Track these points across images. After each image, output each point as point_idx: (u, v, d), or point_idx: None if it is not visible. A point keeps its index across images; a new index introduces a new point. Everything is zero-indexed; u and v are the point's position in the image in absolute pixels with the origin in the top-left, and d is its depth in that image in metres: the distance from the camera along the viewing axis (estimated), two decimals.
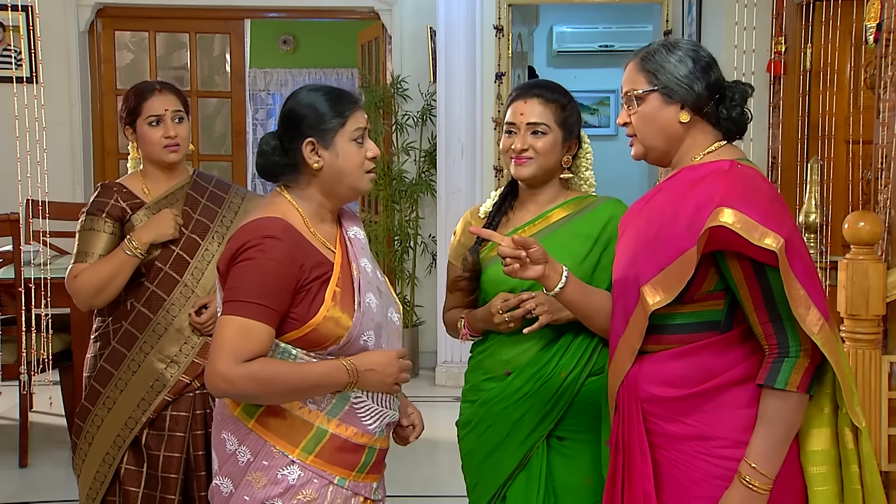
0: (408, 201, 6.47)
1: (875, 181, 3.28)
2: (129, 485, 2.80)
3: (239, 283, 1.95)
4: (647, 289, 1.90)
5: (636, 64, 2.01)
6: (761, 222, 1.78)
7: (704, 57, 1.98)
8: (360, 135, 2.09)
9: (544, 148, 2.41)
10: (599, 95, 9.01)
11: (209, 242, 2.87)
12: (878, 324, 2.92)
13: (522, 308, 2.34)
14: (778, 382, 1.82)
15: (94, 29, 6.59)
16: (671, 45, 2.00)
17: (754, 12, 4.32)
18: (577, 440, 2.41)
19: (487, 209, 2.55)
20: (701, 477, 1.89)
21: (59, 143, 6.02)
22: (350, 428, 2.05)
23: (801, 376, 1.83)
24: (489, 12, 5.93)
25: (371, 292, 2.10)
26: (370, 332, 2.06)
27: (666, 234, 1.91)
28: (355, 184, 2.10)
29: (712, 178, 1.90)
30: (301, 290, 1.99)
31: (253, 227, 2.01)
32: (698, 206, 1.86)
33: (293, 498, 2.00)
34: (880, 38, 3.25)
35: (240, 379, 1.91)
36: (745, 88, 1.99)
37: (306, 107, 2.08)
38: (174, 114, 2.83)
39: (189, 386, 2.81)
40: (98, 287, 2.77)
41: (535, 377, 2.40)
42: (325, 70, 9.80)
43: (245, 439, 2.03)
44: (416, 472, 2.66)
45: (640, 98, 2.00)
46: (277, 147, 2.10)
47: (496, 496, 2.45)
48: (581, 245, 2.41)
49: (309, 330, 1.99)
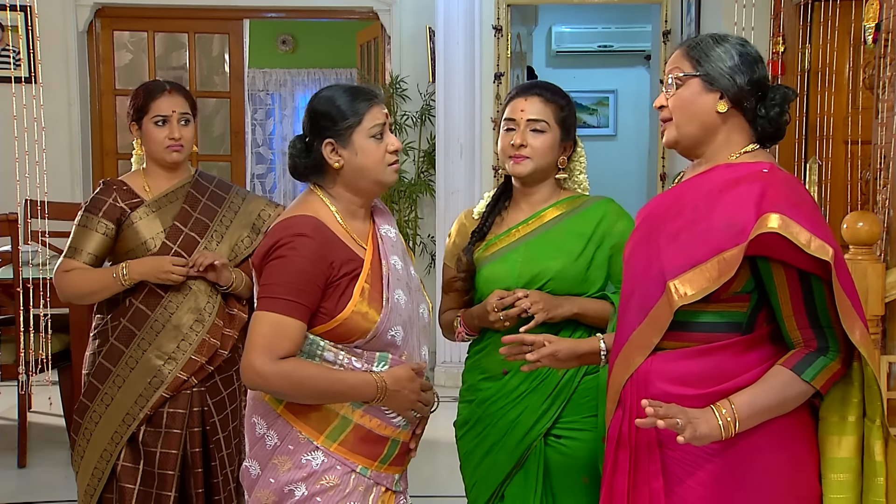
0: (407, 201, 6.47)
1: (874, 181, 3.28)
2: (125, 481, 2.81)
3: (272, 279, 2.03)
4: (675, 283, 1.86)
5: (683, 50, 1.99)
6: (811, 230, 1.77)
7: (751, 53, 1.96)
8: (379, 130, 2.15)
9: (542, 146, 2.41)
10: (598, 96, 9.00)
11: (207, 241, 2.88)
12: (876, 324, 2.92)
13: (517, 307, 2.34)
14: (805, 374, 1.82)
15: (93, 29, 6.58)
16: (720, 36, 1.98)
17: (753, 12, 4.31)
18: (574, 438, 2.41)
19: (481, 210, 2.56)
20: (709, 479, 1.87)
21: (57, 144, 6.01)
22: (374, 419, 2.11)
23: (829, 378, 1.83)
24: (488, 12, 5.92)
25: (400, 289, 2.15)
26: (398, 328, 2.12)
27: (699, 231, 1.87)
28: (378, 178, 2.17)
29: (753, 179, 1.87)
30: (331, 286, 2.06)
31: (285, 226, 2.09)
32: (739, 206, 1.83)
33: (316, 483, 2.07)
34: (879, 38, 3.25)
35: (274, 376, 2.00)
36: (788, 92, 1.96)
37: (323, 107, 2.14)
38: (181, 115, 2.86)
39: (186, 383, 2.82)
40: (80, 294, 2.87)
41: (531, 376, 2.41)
42: (324, 70, 9.79)
43: (273, 424, 2.10)
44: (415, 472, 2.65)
45: (681, 81, 1.96)
46: (303, 149, 2.17)
47: (494, 495, 2.46)
48: (575, 243, 2.42)
49: (337, 324, 2.06)
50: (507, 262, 2.45)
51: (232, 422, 2.94)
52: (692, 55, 1.96)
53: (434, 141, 6.27)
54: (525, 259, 2.44)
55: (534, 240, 2.46)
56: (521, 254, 2.45)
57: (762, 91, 1.95)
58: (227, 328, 2.88)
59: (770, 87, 1.96)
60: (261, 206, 3.02)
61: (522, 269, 2.43)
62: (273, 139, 10.06)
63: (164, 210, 2.88)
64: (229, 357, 2.89)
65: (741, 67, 1.93)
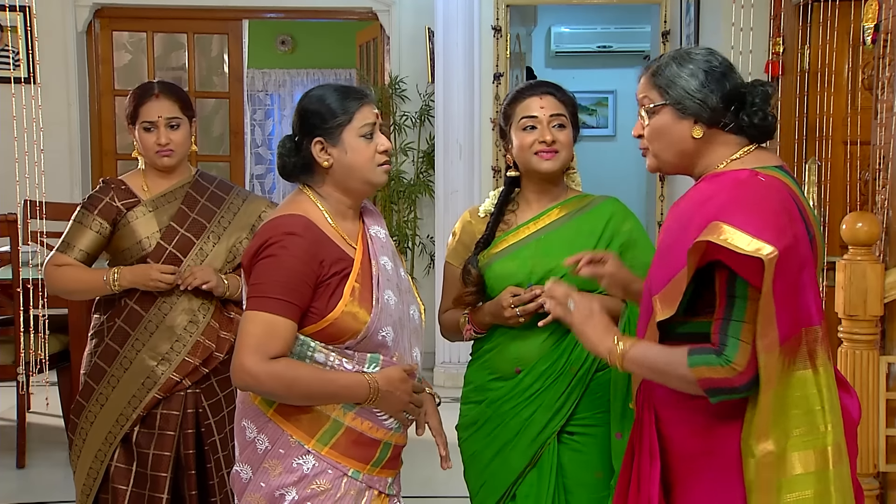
0: (406, 202, 6.46)
1: (873, 182, 3.29)
2: (117, 483, 2.81)
3: (262, 279, 2.02)
4: (656, 300, 1.87)
5: (647, 78, 1.95)
6: (755, 235, 1.72)
7: (718, 67, 1.90)
8: (369, 130, 2.12)
9: (567, 140, 2.45)
10: (598, 96, 9.01)
11: (204, 242, 2.87)
12: (875, 324, 2.93)
13: (535, 302, 2.34)
14: (690, 360, 1.78)
15: (92, 29, 6.58)
16: (683, 56, 1.92)
17: (752, 13, 4.31)
18: (587, 434, 2.42)
19: (487, 209, 2.56)
20: (710, 487, 1.87)
21: (56, 144, 6.00)
22: (366, 422, 2.09)
23: (709, 378, 1.77)
24: (487, 13, 5.92)
25: (390, 289, 2.13)
26: (388, 328, 2.10)
27: (678, 247, 1.85)
28: (367, 178, 2.13)
29: (723, 191, 1.84)
30: (321, 285, 2.04)
31: (275, 225, 2.07)
32: (706, 219, 1.79)
33: (307, 487, 2.04)
34: (878, 39, 3.26)
35: (265, 376, 1.98)
36: (766, 90, 1.91)
37: (313, 106, 2.12)
38: (168, 120, 2.85)
39: (180, 384, 2.82)
40: (67, 290, 2.91)
41: (546, 373, 2.41)
42: (324, 71, 9.79)
43: (264, 428, 2.08)
44: (415, 473, 2.66)
45: (653, 112, 1.93)
46: (292, 148, 2.15)
47: (505, 495, 2.45)
48: (586, 241, 2.43)
49: (327, 324, 2.04)
50: (519, 259, 2.45)
51: (229, 424, 2.92)
52: (658, 83, 1.92)
53: (433, 141, 6.26)
54: (536, 255, 2.44)
55: (545, 237, 2.46)
56: (532, 250, 2.45)
57: (738, 100, 1.90)
58: (224, 331, 2.88)
59: (746, 92, 1.91)
60: (261, 208, 3.01)
61: (535, 266, 2.43)
62: (272, 140, 10.06)
63: (161, 210, 2.88)
64: (226, 359, 2.86)
65: (711, 87, 1.88)
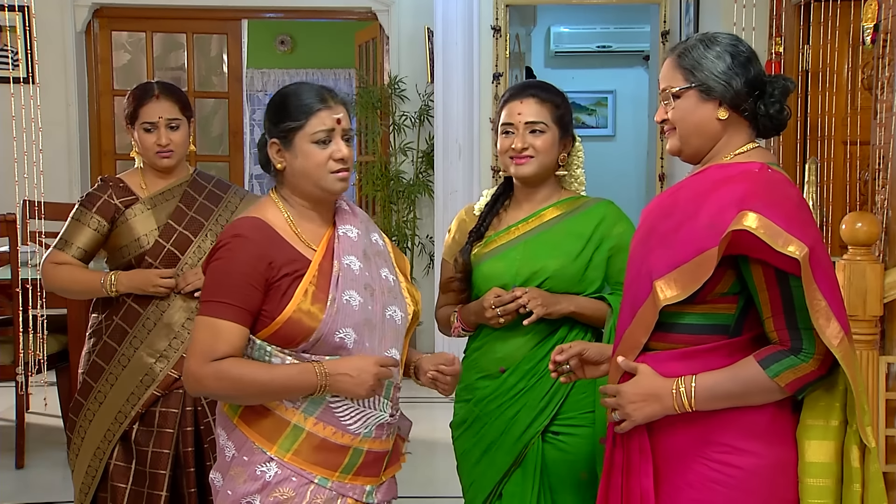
0: (405, 202, 6.46)
1: (872, 182, 3.28)
2: (116, 481, 2.82)
3: (209, 283, 2.01)
4: (660, 283, 1.86)
5: (673, 60, 1.95)
6: (785, 229, 1.75)
7: (744, 52, 1.92)
8: (325, 136, 2.05)
9: (544, 146, 2.42)
10: (597, 96, 9.00)
11: (202, 240, 2.89)
12: (875, 324, 2.92)
13: (515, 303, 2.35)
14: (770, 370, 1.80)
15: (91, 29, 6.58)
16: (710, 39, 1.93)
17: (752, 13, 4.31)
18: (572, 434, 2.42)
19: (482, 207, 2.57)
20: (697, 480, 1.87)
21: (55, 144, 6.01)
22: (328, 427, 2.03)
23: (797, 378, 1.81)
24: (487, 13, 5.92)
25: (354, 289, 2.05)
26: (348, 330, 2.02)
27: (686, 231, 1.86)
28: (319, 184, 2.07)
29: (739, 179, 1.86)
30: (271, 287, 2.00)
31: (229, 228, 2.07)
32: (722, 206, 1.82)
33: (270, 495, 1.99)
34: (877, 38, 3.25)
35: (208, 378, 1.96)
36: (787, 84, 1.93)
37: (274, 106, 2.10)
38: (168, 121, 2.86)
39: (178, 381, 2.82)
40: (64, 289, 2.91)
41: (529, 373, 2.42)
42: (323, 70, 9.79)
43: (231, 434, 2.06)
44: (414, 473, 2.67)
45: (678, 95, 1.94)
46: (261, 145, 2.14)
47: (492, 494, 2.46)
48: (574, 243, 2.43)
49: (279, 326, 1.99)
50: (506, 260, 2.46)
51: None
52: (684, 65, 1.93)
53: (432, 141, 6.26)
54: (524, 257, 2.44)
55: (533, 238, 2.46)
56: (520, 251, 2.45)
57: (759, 89, 1.92)
58: None
59: (767, 82, 1.93)
60: None
61: (521, 267, 2.43)
62: None
63: (159, 208, 2.88)
64: None
65: (736, 70, 1.90)
